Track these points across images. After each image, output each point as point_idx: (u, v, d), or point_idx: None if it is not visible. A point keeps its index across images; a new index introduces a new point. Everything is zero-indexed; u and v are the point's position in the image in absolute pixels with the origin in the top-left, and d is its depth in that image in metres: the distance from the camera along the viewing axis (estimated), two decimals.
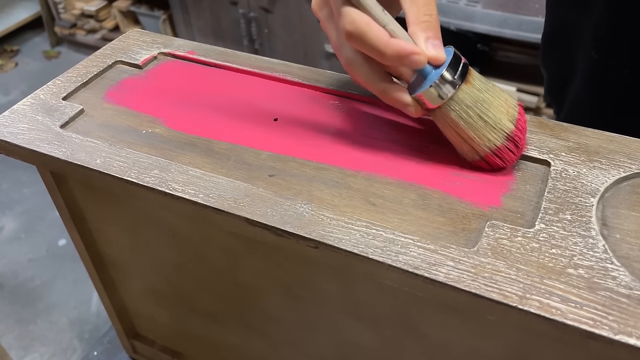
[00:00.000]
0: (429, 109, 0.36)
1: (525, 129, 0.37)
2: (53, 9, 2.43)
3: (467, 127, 0.35)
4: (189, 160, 0.39)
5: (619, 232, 0.32)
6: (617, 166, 0.35)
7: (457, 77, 0.34)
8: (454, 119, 0.35)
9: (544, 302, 0.27)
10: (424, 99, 0.35)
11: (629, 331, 0.26)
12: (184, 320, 0.54)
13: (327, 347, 0.43)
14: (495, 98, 0.35)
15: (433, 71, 0.35)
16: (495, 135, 0.35)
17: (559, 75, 0.61)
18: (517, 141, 0.36)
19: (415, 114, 0.36)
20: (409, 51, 0.33)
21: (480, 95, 0.35)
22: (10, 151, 0.41)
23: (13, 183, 1.80)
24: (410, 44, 0.34)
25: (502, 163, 0.36)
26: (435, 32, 0.35)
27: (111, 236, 0.49)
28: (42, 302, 1.43)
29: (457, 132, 0.36)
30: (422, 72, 0.35)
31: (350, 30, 0.33)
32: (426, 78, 0.35)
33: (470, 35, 1.63)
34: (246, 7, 1.87)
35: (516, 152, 0.36)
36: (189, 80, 0.47)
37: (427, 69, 0.35)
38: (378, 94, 0.37)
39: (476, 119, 0.35)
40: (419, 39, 0.34)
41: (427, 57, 0.34)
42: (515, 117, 0.36)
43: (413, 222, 0.33)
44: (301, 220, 0.33)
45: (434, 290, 0.29)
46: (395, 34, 0.34)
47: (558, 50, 0.60)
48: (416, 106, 0.36)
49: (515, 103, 0.36)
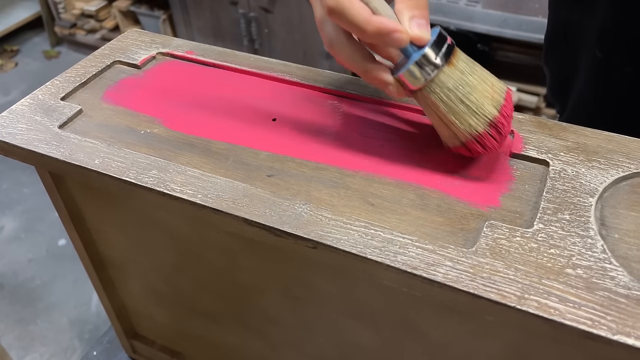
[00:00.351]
0: (411, 91, 0.35)
1: (511, 116, 0.35)
2: (53, 8, 2.43)
3: (447, 111, 0.34)
4: (187, 160, 0.39)
5: (618, 232, 0.32)
6: (616, 166, 0.35)
7: (440, 58, 0.33)
8: (434, 101, 0.34)
9: (542, 302, 0.27)
10: (405, 79, 0.34)
11: (627, 331, 0.26)
12: (184, 320, 0.54)
13: (326, 347, 0.43)
14: (481, 82, 0.34)
15: (415, 51, 0.34)
16: (477, 120, 0.34)
17: (562, 74, 0.60)
18: (500, 128, 0.34)
19: (396, 94, 0.35)
20: (391, 29, 0.32)
21: (463, 78, 0.34)
22: (8, 151, 0.41)
23: (13, 183, 1.80)
24: (393, 22, 0.33)
25: (483, 150, 0.35)
26: (421, 10, 0.34)
27: (110, 236, 0.49)
28: (42, 302, 1.43)
29: (438, 116, 0.35)
30: (405, 51, 0.34)
31: (332, 6, 0.32)
32: (409, 58, 0.34)
33: (471, 35, 1.63)
34: (246, 7, 1.87)
35: (499, 139, 0.35)
36: (187, 80, 0.47)
37: (409, 48, 0.34)
38: (360, 74, 0.36)
39: (457, 102, 0.34)
40: (404, 17, 0.34)
41: (409, 36, 0.33)
42: (500, 103, 0.34)
43: (411, 222, 0.33)
44: (299, 220, 0.33)
45: (432, 291, 0.29)
46: (378, 11, 0.33)
47: (561, 50, 0.59)
48: (398, 87, 0.35)
49: (502, 88, 0.35)
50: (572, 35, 0.56)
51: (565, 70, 0.59)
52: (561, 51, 0.60)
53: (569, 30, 0.56)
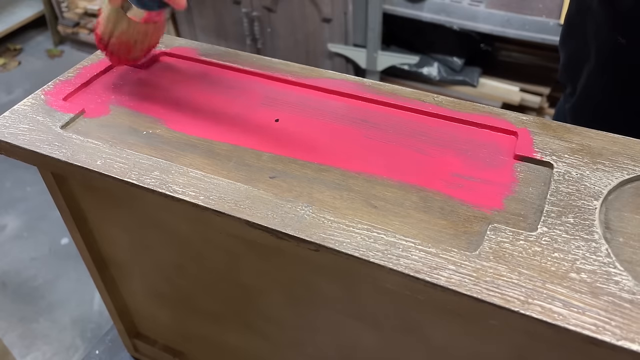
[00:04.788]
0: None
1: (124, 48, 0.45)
2: (56, 7, 2.43)
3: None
4: (189, 161, 0.39)
5: (622, 235, 0.32)
6: (621, 168, 0.35)
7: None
8: None
9: (546, 307, 0.27)
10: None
11: (632, 337, 0.26)
12: (185, 320, 0.54)
13: (328, 349, 0.43)
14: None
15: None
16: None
17: (576, 56, 0.61)
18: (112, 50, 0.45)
19: None
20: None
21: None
22: (10, 152, 0.41)
23: (16, 182, 1.80)
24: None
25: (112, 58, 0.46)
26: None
27: (112, 236, 0.48)
28: (44, 300, 1.43)
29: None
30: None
31: None
32: None
33: (474, 35, 1.63)
34: (249, 6, 1.87)
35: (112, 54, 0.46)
36: (190, 80, 0.47)
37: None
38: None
39: None
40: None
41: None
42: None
43: (414, 225, 0.33)
44: (302, 223, 0.33)
45: (435, 294, 0.29)
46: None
47: (580, 31, 0.60)
48: None
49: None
50: (592, 19, 0.57)
51: (578, 54, 0.60)
52: (578, 35, 0.60)
53: (589, 15, 0.57)
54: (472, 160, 0.37)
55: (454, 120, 0.41)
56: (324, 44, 1.82)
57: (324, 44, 1.82)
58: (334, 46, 1.79)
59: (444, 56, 1.71)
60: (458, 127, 0.41)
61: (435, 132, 0.38)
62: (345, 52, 1.78)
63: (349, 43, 1.76)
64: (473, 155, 0.38)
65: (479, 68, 1.69)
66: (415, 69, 1.73)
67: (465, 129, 0.40)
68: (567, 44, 0.64)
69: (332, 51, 1.81)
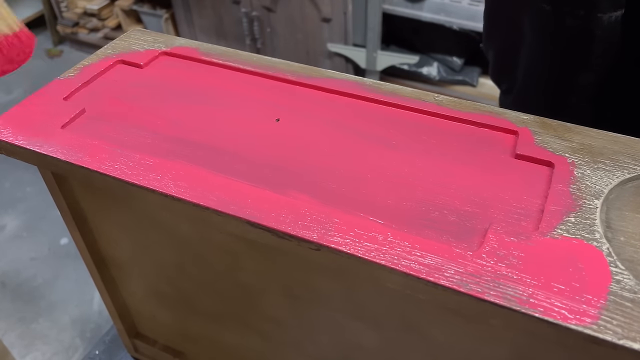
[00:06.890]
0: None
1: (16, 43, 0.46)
2: (55, 7, 2.43)
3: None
4: (189, 160, 0.39)
5: (623, 234, 0.32)
6: (622, 167, 0.35)
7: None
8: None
9: (547, 306, 0.27)
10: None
11: (633, 336, 0.26)
12: (186, 320, 0.53)
13: (328, 348, 0.43)
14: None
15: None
16: None
17: (508, 43, 0.61)
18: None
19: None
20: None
21: None
22: (10, 152, 0.41)
23: (15, 182, 1.80)
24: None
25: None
26: None
27: (112, 236, 0.48)
28: (44, 300, 1.43)
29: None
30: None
31: None
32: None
33: (474, 35, 1.63)
34: (249, 6, 1.87)
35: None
36: (190, 79, 0.47)
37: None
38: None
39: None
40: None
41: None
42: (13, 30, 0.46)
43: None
44: (303, 222, 0.33)
45: (436, 294, 0.29)
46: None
47: (503, 21, 0.60)
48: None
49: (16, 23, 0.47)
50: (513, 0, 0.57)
51: (510, 37, 0.60)
52: (504, 22, 0.60)
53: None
54: (468, 160, 0.37)
55: (454, 120, 0.41)
56: (323, 44, 1.82)
57: (323, 44, 1.82)
58: (333, 46, 1.79)
59: (443, 56, 1.71)
60: (459, 126, 0.41)
61: (435, 132, 0.38)
62: (345, 52, 1.78)
63: (348, 43, 1.76)
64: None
65: (479, 68, 1.69)
66: (415, 69, 1.73)
67: (466, 128, 0.40)
68: (494, 38, 0.63)
69: (331, 51, 1.81)
